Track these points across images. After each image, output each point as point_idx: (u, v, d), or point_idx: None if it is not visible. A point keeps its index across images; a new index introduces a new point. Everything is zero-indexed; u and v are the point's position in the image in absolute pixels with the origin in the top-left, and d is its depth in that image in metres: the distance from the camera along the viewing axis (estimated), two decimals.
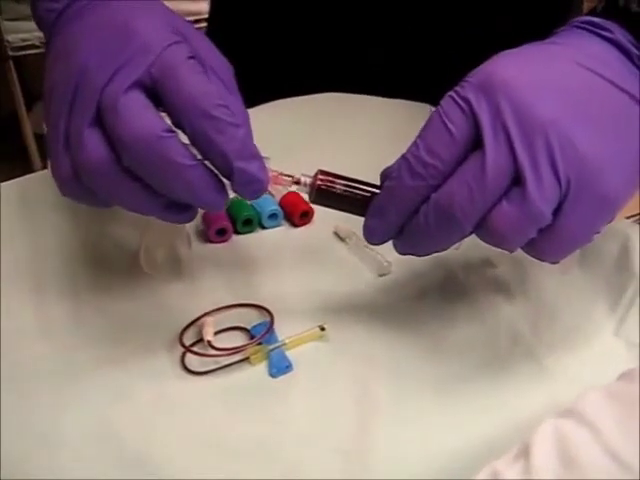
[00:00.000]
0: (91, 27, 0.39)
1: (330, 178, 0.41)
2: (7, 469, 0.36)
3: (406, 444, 0.38)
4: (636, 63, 0.39)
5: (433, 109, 0.65)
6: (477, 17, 0.69)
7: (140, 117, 0.36)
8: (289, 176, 0.41)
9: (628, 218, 0.62)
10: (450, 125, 0.36)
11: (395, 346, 0.44)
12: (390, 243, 0.41)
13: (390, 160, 0.39)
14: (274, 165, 0.40)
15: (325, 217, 0.52)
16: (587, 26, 0.40)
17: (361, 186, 0.41)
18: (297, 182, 0.41)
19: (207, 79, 0.38)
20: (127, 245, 0.50)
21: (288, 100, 0.68)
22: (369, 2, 0.69)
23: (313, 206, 0.53)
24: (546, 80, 0.37)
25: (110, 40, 0.37)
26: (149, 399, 0.40)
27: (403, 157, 0.38)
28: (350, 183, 0.41)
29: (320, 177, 0.41)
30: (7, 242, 0.50)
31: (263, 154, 0.39)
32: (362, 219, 0.40)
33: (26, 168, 1.97)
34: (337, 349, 0.43)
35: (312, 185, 0.41)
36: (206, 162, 0.37)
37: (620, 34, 0.39)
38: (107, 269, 0.48)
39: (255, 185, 0.38)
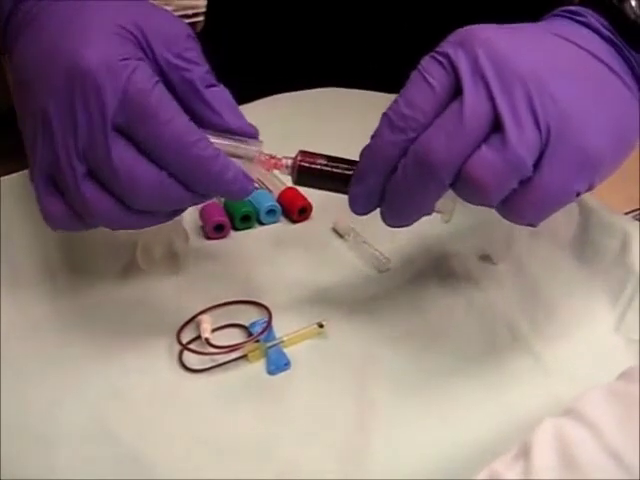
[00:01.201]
0: (34, 57, 0.37)
1: (310, 158, 0.40)
2: (3, 469, 0.36)
3: (404, 443, 0.38)
4: (611, 44, 0.39)
5: None
6: (473, 13, 0.69)
7: (136, 168, 0.36)
8: (273, 157, 0.41)
9: (627, 214, 0.62)
10: (430, 78, 0.36)
11: (393, 343, 0.43)
12: (389, 242, 0.41)
13: None
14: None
15: (324, 213, 0.52)
16: (565, 13, 0.40)
17: (343, 164, 0.40)
18: (279, 165, 0.41)
19: (177, 109, 0.37)
20: (124, 241, 0.50)
21: (286, 95, 0.68)
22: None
23: (311, 202, 0.52)
24: (524, 39, 0.37)
25: (60, 84, 0.35)
26: (146, 397, 0.40)
27: (383, 114, 0.38)
28: (331, 162, 0.40)
29: (300, 157, 0.40)
30: (6, 237, 0.50)
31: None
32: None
33: (24, 163, 1.97)
34: (335, 346, 0.43)
35: (293, 166, 0.40)
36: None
37: (593, 19, 0.39)
38: (104, 266, 0.48)
39: (241, 194, 0.39)
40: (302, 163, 0.40)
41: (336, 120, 0.65)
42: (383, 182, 0.38)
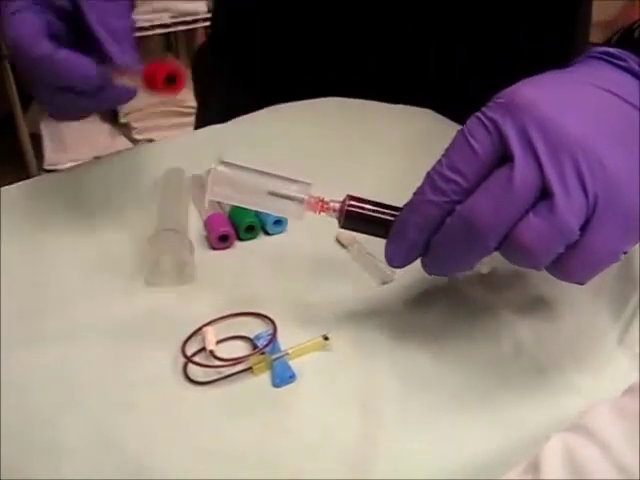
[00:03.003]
0: None
1: (358, 203, 0.41)
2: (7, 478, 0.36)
3: (409, 456, 0.38)
4: None
5: (436, 115, 0.65)
6: (480, 28, 0.69)
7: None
8: (321, 200, 0.42)
9: None
10: (474, 143, 0.37)
11: (398, 355, 0.43)
12: None
13: (391, 166, 0.39)
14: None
15: (327, 224, 0.52)
16: (603, 56, 0.41)
17: (388, 210, 0.41)
18: (327, 209, 0.42)
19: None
20: (129, 254, 0.50)
21: (289, 104, 0.68)
22: (370, 7, 0.69)
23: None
24: (569, 100, 0.37)
25: None
26: (151, 408, 0.40)
27: (427, 174, 0.38)
28: (378, 208, 0.41)
29: (348, 202, 0.41)
30: (6, 246, 0.50)
31: (304, 180, 0.41)
32: None
33: (21, 168, 1.97)
34: (340, 359, 0.43)
35: (340, 210, 0.41)
36: None
37: (635, 63, 0.40)
38: (109, 277, 0.48)
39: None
40: (350, 208, 0.41)
41: (338, 130, 0.65)
42: (421, 238, 0.39)
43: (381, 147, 0.62)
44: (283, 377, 0.42)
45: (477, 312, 0.47)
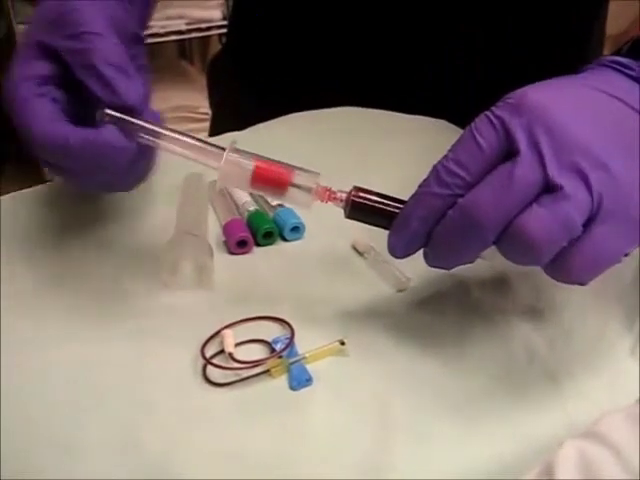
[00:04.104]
0: None
1: (364, 194, 0.42)
2: (26, 476, 0.37)
3: (423, 461, 0.39)
4: None
5: (451, 126, 0.66)
6: (494, 40, 0.70)
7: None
8: (328, 190, 0.43)
9: None
10: (480, 139, 0.38)
11: (414, 362, 0.44)
12: (409, 261, 0.42)
13: (404, 175, 0.40)
14: None
15: (343, 231, 0.53)
16: (612, 64, 0.42)
17: (393, 203, 0.42)
18: (334, 198, 0.43)
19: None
20: (149, 256, 0.51)
21: (304, 113, 0.69)
22: (384, 16, 0.70)
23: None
24: (576, 104, 0.38)
25: None
26: (170, 410, 0.41)
27: (433, 167, 0.39)
28: (383, 200, 0.42)
29: (354, 192, 0.42)
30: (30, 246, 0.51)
31: (313, 169, 0.42)
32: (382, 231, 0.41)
33: (34, 170, 1.98)
34: (357, 364, 0.44)
35: (347, 200, 0.42)
36: None
37: None
38: (129, 279, 0.49)
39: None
40: (356, 199, 0.42)
41: (353, 139, 0.66)
42: (423, 229, 0.39)
43: (395, 157, 0.63)
44: (300, 380, 0.42)
45: (490, 320, 0.47)
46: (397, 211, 0.41)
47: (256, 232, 0.52)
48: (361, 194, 0.42)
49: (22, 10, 1.74)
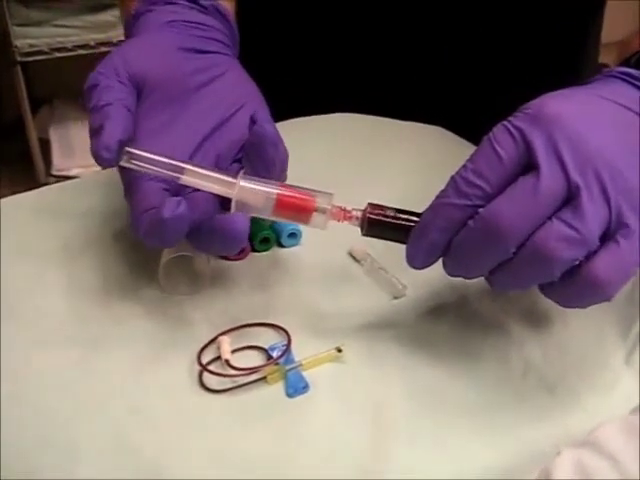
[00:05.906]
0: None
1: (379, 211, 0.42)
2: None
3: (419, 469, 0.39)
4: None
5: (447, 132, 0.66)
6: (490, 46, 0.70)
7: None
8: (343, 209, 0.42)
9: None
10: (499, 150, 0.38)
11: (410, 369, 0.44)
12: (405, 266, 0.42)
13: (401, 182, 0.40)
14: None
15: (340, 238, 0.53)
16: (622, 76, 0.42)
17: (409, 217, 0.42)
18: (349, 217, 0.43)
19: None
20: (144, 262, 0.50)
21: (302, 119, 0.69)
22: (383, 22, 0.70)
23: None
24: (593, 114, 0.39)
25: None
26: (167, 415, 0.41)
27: (451, 178, 0.39)
28: (400, 215, 0.42)
29: (369, 210, 0.42)
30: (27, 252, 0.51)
31: (327, 190, 0.42)
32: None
33: (29, 173, 1.98)
34: (353, 371, 0.44)
35: (362, 218, 0.42)
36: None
37: None
38: (125, 285, 0.49)
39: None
40: (371, 216, 0.42)
41: (350, 145, 0.66)
42: (443, 240, 0.39)
43: (390, 163, 0.63)
44: (297, 387, 0.42)
45: (487, 329, 0.47)
46: (413, 225, 0.41)
47: (253, 238, 0.52)
48: (377, 211, 0.42)
49: (17, 12, 1.74)
